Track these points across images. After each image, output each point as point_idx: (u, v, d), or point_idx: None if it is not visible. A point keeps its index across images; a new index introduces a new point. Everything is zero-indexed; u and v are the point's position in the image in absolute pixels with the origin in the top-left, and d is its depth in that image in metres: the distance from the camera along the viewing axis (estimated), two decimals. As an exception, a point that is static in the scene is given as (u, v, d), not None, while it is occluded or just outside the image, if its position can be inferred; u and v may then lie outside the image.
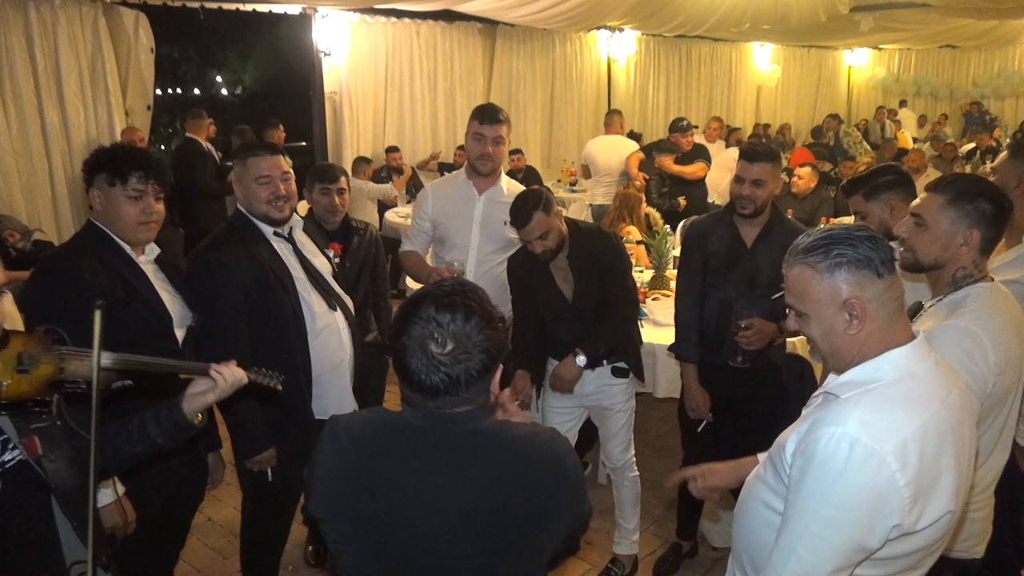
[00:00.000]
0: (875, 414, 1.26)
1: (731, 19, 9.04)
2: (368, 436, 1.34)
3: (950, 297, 1.80)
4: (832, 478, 1.23)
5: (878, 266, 1.32)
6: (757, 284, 2.69)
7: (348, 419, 1.39)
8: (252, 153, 2.40)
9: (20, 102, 5.87)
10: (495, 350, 1.29)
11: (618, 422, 2.93)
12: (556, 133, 10.12)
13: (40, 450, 1.47)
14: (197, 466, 2.37)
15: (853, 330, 1.33)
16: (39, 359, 1.40)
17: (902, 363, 1.32)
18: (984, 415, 1.72)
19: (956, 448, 1.31)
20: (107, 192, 2.04)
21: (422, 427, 1.31)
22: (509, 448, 1.32)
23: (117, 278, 2.02)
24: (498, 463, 1.30)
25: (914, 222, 1.84)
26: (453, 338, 1.25)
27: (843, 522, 1.24)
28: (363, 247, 3.13)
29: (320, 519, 1.37)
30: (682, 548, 3.21)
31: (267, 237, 2.41)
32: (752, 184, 2.64)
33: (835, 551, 1.25)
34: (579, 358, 2.73)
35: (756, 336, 2.59)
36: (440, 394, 1.26)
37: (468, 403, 1.30)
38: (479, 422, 1.32)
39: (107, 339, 1.93)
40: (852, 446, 1.23)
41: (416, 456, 1.30)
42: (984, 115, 13.39)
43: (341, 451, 1.34)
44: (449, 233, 3.11)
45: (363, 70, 7.99)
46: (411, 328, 1.26)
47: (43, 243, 5.27)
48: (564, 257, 2.77)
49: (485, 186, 3.10)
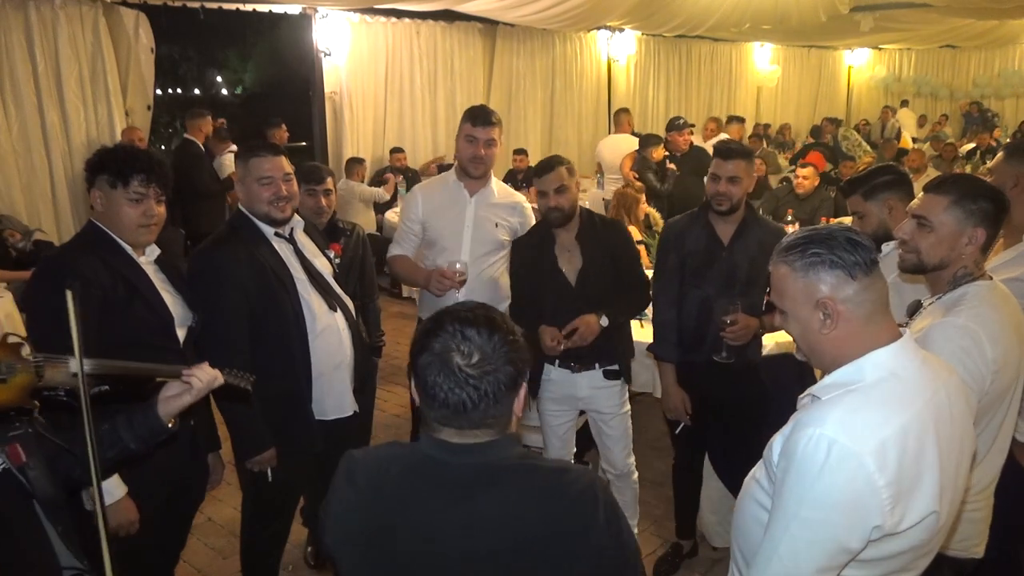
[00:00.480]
0: (854, 415, 1.26)
1: (731, 19, 9.04)
2: (384, 474, 1.28)
3: (948, 295, 1.80)
4: (811, 479, 1.24)
5: (851, 268, 1.32)
6: (735, 281, 2.74)
7: (364, 455, 1.34)
8: (254, 153, 2.41)
9: (20, 102, 5.88)
10: (521, 362, 1.25)
11: (617, 428, 2.94)
12: (556, 133, 10.12)
13: (23, 458, 1.46)
14: (198, 467, 2.37)
15: (827, 330, 1.34)
16: (16, 367, 1.37)
17: (885, 364, 1.32)
18: (982, 413, 1.72)
19: (942, 448, 1.30)
20: (108, 194, 2.05)
21: (439, 460, 1.25)
22: (532, 484, 1.25)
23: (119, 278, 2.02)
24: (517, 502, 1.23)
25: (917, 224, 1.83)
26: (480, 351, 1.20)
27: (822, 523, 1.24)
28: (350, 248, 3.12)
29: (336, 555, 1.33)
30: (682, 548, 3.21)
31: (268, 237, 2.41)
32: (728, 181, 2.70)
33: (815, 552, 1.26)
34: (602, 319, 2.76)
35: (741, 331, 2.64)
36: (466, 411, 1.21)
37: (492, 428, 1.24)
38: (502, 452, 1.26)
39: (109, 338, 1.96)
40: (830, 447, 1.23)
41: (431, 495, 1.24)
42: (985, 113, 13.38)
43: (356, 489, 1.28)
44: (440, 236, 3.07)
45: (363, 70, 7.99)
46: (434, 344, 1.21)
47: (43, 243, 5.28)
48: (573, 238, 2.80)
49: (476, 188, 3.08)
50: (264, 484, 2.43)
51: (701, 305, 2.78)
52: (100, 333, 1.93)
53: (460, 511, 1.22)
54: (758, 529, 1.39)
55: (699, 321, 2.78)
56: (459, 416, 1.21)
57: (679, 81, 11.88)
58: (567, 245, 2.81)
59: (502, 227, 3.09)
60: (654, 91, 11.45)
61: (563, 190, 2.72)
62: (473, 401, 1.20)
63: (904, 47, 14.69)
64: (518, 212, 3.16)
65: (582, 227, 2.82)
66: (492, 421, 1.24)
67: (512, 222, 3.12)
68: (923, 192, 1.87)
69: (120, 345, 1.94)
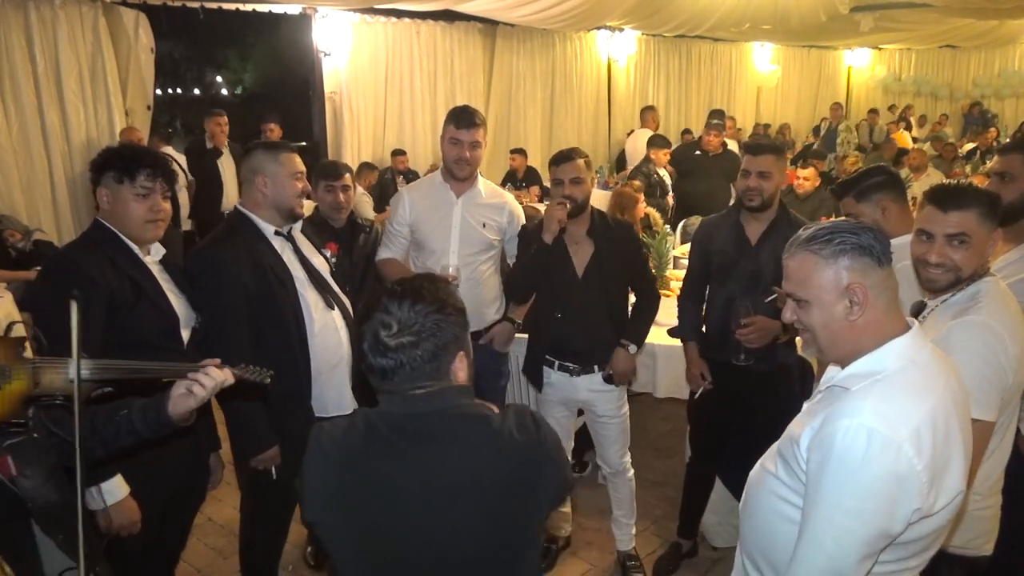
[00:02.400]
0: (887, 403, 1.29)
1: (731, 19, 9.04)
2: (349, 437, 1.37)
3: (960, 294, 1.82)
4: (853, 470, 1.26)
5: (880, 255, 1.36)
6: (761, 281, 2.70)
7: (331, 424, 1.42)
8: (285, 149, 2.45)
9: (20, 102, 5.87)
10: (448, 337, 1.33)
11: (614, 429, 2.95)
12: (556, 133, 10.10)
13: (14, 470, 1.40)
14: (199, 467, 2.37)
15: (854, 315, 1.36)
16: (11, 373, 1.29)
17: (904, 352, 1.36)
18: (1002, 408, 1.75)
19: (963, 428, 1.36)
20: (115, 190, 2.05)
21: (393, 412, 1.35)
22: (483, 421, 1.36)
23: (125, 277, 2.02)
24: (473, 438, 1.34)
25: (959, 241, 1.80)
26: (399, 322, 1.31)
27: (867, 511, 1.27)
28: (369, 244, 3.14)
29: (315, 525, 1.40)
30: (682, 548, 3.21)
31: (267, 236, 2.41)
32: (758, 176, 2.70)
33: (861, 540, 1.28)
34: (630, 347, 2.80)
35: (757, 333, 2.62)
36: (388, 375, 1.33)
37: (424, 385, 1.34)
38: (448, 401, 1.36)
39: (115, 338, 1.96)
40: (870, 436, 1.26)
41: (392, 444, 1.33)
42: (985, 113, 13.38)
43: (326, 456, 1.36)
44: (428, 238, 3.06)
45: (363, 70, 7.98)
46: (369, 316, 1.34)
47: (43, 243, 5.27)
48: (584, 232, 2.81)
49: (463, 189, 3.06)
50: (268, 483, 2.42)
51: (726, 304, 2.76)
52: (106, 332, 1.94)
53: (418, 458, 1.33)
54: (781, 524, 1.41)
55: (724, 322, 2.75)
56: (385, 381, 1.34)
57: (679, 81, 11.87)
58: (576, 238, 2.81)
59: (490, 227, 3.08)
60: (654, 91, 11.43)
61: (579, 181, 2.73)
62: (392, 368, 1.32)
63: (904, 47, 14.68)
64: (506, 212, 3.15)
65: (593, 224, 2.82)
66: (420, 387, 1.34)
67: (500, 222, 3.12)
68: (944, 211, 1.81)
69: (125, 345, 1.95)
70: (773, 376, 2.77)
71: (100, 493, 1.98)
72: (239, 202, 2.47)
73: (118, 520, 2.00)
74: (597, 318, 2.81)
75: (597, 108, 10.57)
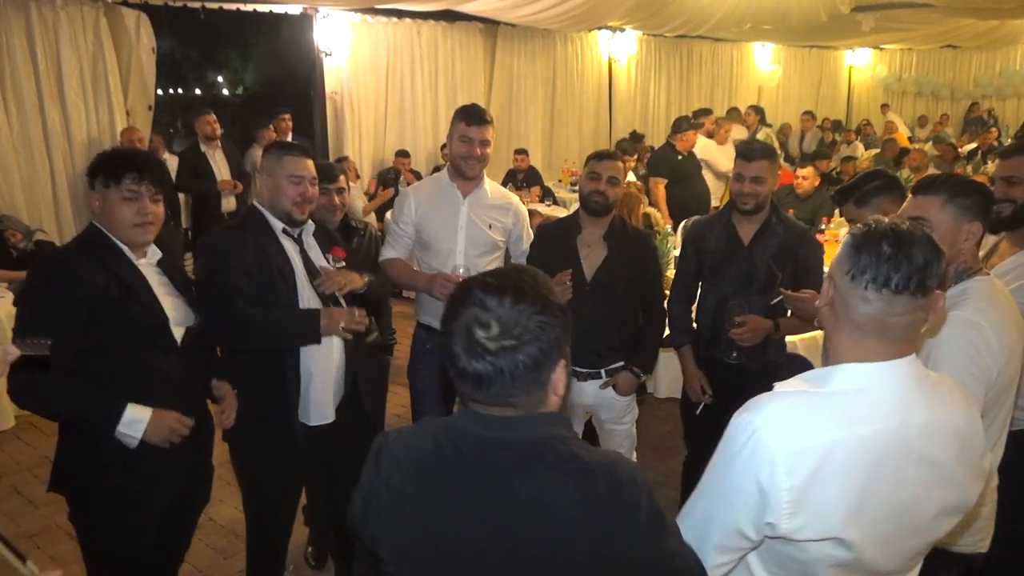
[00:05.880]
0: (791, 413, 1.24)
1: (732, 19, 9.03)
2: (413, 454, 1.22)
3: (950, 292, 1.81)
4: (728, 459, 1.28)
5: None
6: (753, 281, 2.75)
7: (397, 434, 1.28)
8: (288, 151, 2.45)
9: (21, 102, 5.89)
10: (551, 342, 1.13)
11: (620, 433, 2.95)
12: (557, 133, 10.11)
13: None
14: (201, 467, 2.37)
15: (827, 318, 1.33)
16: None
17: (858, 377, 1.26)
18: (988, 407, 1.74)
19: (882, 483, 1.22)
20: (104, 194, 2.09)
21: (470, 433, 1.18)
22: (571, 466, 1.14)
23: (112, 278, 2.05)
24: (550, 483, 1.13)
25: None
26: (499, 323, 1.11)
27: (727, 502, 1.27)
28: (363, 247, 3.12)
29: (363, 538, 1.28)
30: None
31: (276, 234, 2.43)
32: (752, 181, 2.72)
33: (717, 526, 1.29)
34: (635, 371, 2.86)
35: (750, 333, 2.65)
36: (484, 384, 1.12)
37: (515, 407, 1.16)
38: (539, 429, 1.16)
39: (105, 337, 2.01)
40: (751, 436, 1.23)
41: (460, 474, 1.17)
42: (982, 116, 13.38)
43: (382, 471, 1.24)
44: (434, 238, 3.03)
45: (364, 70, 7.99)
46: (458, 311, 1.14)
47: (44, 243, 5.28)
48: (600, 235, 2.82)
49: (470, 189, 3.03)
50: (260, 486, 2.43)
51: (718, 304, 2.79)
52: (97, 331, 1.99)
53: (484, 495, 1.15)
54: None
55: (716, 320, 2.79)
56: (479, 389, 1.14)
57: (680, 81, 11.86)
58: (590, 240, 2.82)
59: (496, 228, 3.06)
60: (655, 91, 11.44)
61: (615, 182, 2.77)
62: (490, 376, 1.12)
63: (905, 47, 14.66)
64: (512, 213, 3.12)
65: (612, 228, 2.83)
66: (515, 400, 1.15)
67: (506, 223, 3.09)
68: (912, 196, 1.86)
69: (117, 343, 2.03)
70: (764, 373, 2.77)
71: (129, 431, 2.00)
72: (258, 198, 2.51)
73: (159, 437, 2.04)
74: (604, 323, 2.81)
75: (598, 108, 10.57)
